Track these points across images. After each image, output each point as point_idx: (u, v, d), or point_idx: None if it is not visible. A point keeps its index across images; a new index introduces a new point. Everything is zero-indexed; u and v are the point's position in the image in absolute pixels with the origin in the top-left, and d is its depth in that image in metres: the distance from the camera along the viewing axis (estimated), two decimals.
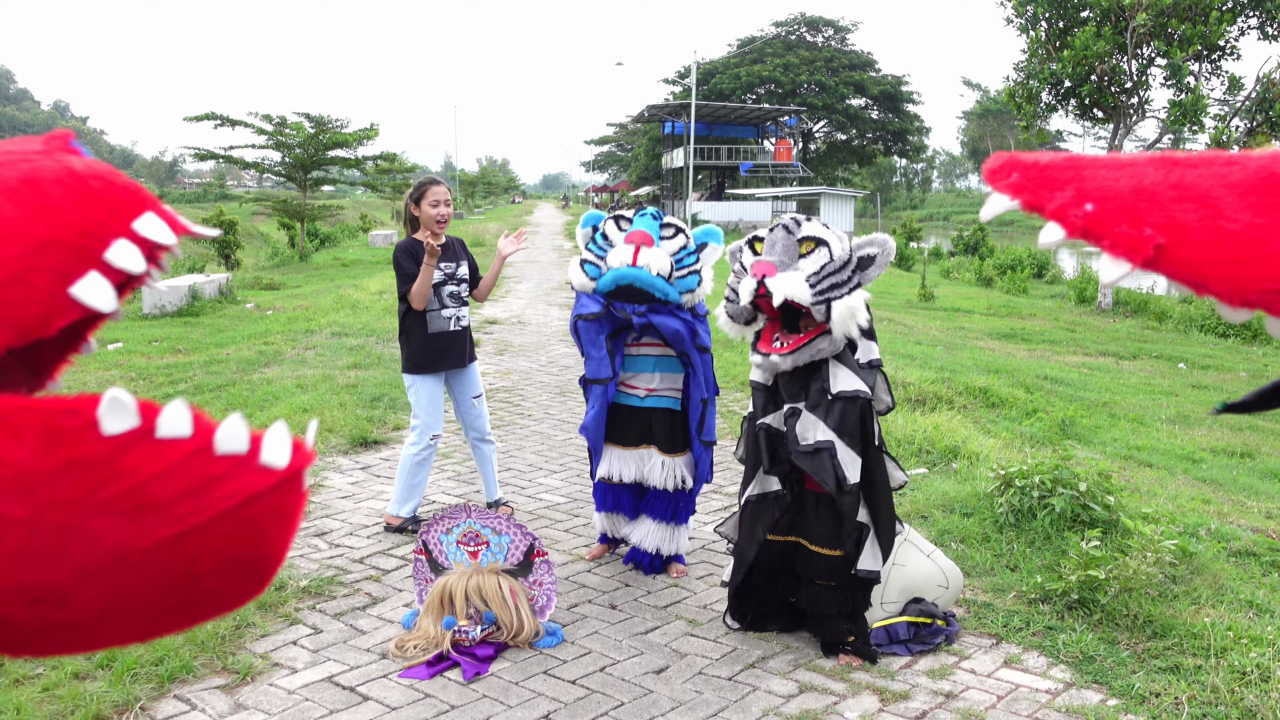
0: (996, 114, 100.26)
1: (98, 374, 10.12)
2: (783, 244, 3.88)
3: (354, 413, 8.04)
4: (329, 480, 6.47)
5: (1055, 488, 5.24)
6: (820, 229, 3.94)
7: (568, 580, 4.81)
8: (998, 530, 5.27)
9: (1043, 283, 31.99)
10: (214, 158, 26.21)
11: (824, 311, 3.74)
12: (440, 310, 5.44)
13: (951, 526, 5.37)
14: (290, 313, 14.93)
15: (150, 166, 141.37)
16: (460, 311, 5.52)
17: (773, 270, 3.80)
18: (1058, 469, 5.32)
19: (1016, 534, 5.19)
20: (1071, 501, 5.13)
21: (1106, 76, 21.01)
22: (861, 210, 68.03)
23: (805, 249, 3.86)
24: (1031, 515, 5.25)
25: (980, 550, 5.08)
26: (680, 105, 57.74)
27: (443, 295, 5.45)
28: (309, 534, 5.43)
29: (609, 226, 4.64)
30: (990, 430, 7.99)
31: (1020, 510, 5.28)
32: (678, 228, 4.58)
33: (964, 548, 5.14)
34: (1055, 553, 4.93)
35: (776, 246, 3.88)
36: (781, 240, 3.89)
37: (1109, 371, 13.67)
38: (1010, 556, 4.99)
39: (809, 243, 3.88)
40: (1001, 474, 5.50)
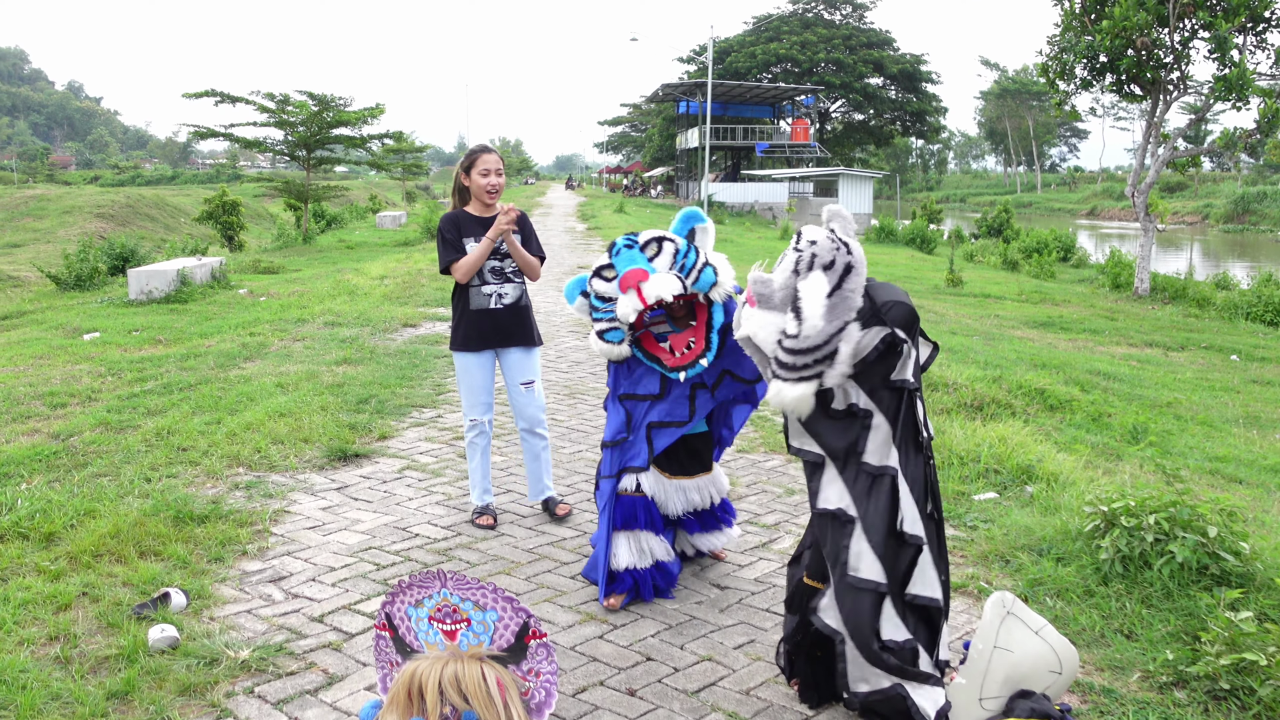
0: (1015, 94, 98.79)
1: (65, 368, 9.22)
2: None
3: (336, 418, 7.11)
4: (297, 504, 5.53)
5: (1173, 529, 4.27)
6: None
7: (574, 652, 3.86)
8: (1102, 582, 4.30)
9: (1069, 266, 30.92)
10: (213, 135, 25.28)
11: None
12: (481, 286, 5.14)
13: (1044, 576, 4.39)
14: (284, 299, 14.02)
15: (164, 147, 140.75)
16: (504, 288, 5.17)
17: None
18: (1175, 505, 4.35)
19: (1126, 587, 4.22)
20: (1197, 550, 4.16)
21: (1146, 50, 19.85)
22: (879, 192, 66.79)
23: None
24: (1144, 563, 4.27)
25: (1084, 609, 4.11)
26: (695, 84, 56.58)
27: (484, 271, 5.14)
28: (263, 579, 4.49)
29: (597, 285, 4.20)
30: (1060, 441, 7.01)
31: (1129, 557, 4.31)
32: (657, 239, 4.17)
33: (1063, 605, 4.17)
34: (1181, 615, 3.97)
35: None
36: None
37: (1159, 364, 12.68)
38: (1123, 619, 4.02)
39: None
40: (1103, 510, 4.52)
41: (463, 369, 5.23)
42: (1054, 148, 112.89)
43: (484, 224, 5.10)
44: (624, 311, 4.01)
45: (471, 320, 5.14)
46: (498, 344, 5.20)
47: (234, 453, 6.28)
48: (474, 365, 5.21)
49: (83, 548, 4.61)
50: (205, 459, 6.17)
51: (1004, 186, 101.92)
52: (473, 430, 5.26)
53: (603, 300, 4.13)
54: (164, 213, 44.43)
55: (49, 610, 4.06)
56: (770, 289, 3.29)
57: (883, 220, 43.13)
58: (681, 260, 4.08)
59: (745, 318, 3.35)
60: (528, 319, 5.27)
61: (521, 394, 5.28)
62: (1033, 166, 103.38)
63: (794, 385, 3.17)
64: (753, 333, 3.31)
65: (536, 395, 5.31)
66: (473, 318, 5.14)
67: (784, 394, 3.20)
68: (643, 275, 4.01)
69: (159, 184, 75.88)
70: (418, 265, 18.19)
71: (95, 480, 5.73)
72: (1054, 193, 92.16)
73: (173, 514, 5.06)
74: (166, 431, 6.71)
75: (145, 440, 6.54)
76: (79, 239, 25.01)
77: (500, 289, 5.15)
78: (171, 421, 6.94)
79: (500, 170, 5.14)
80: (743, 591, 4.40)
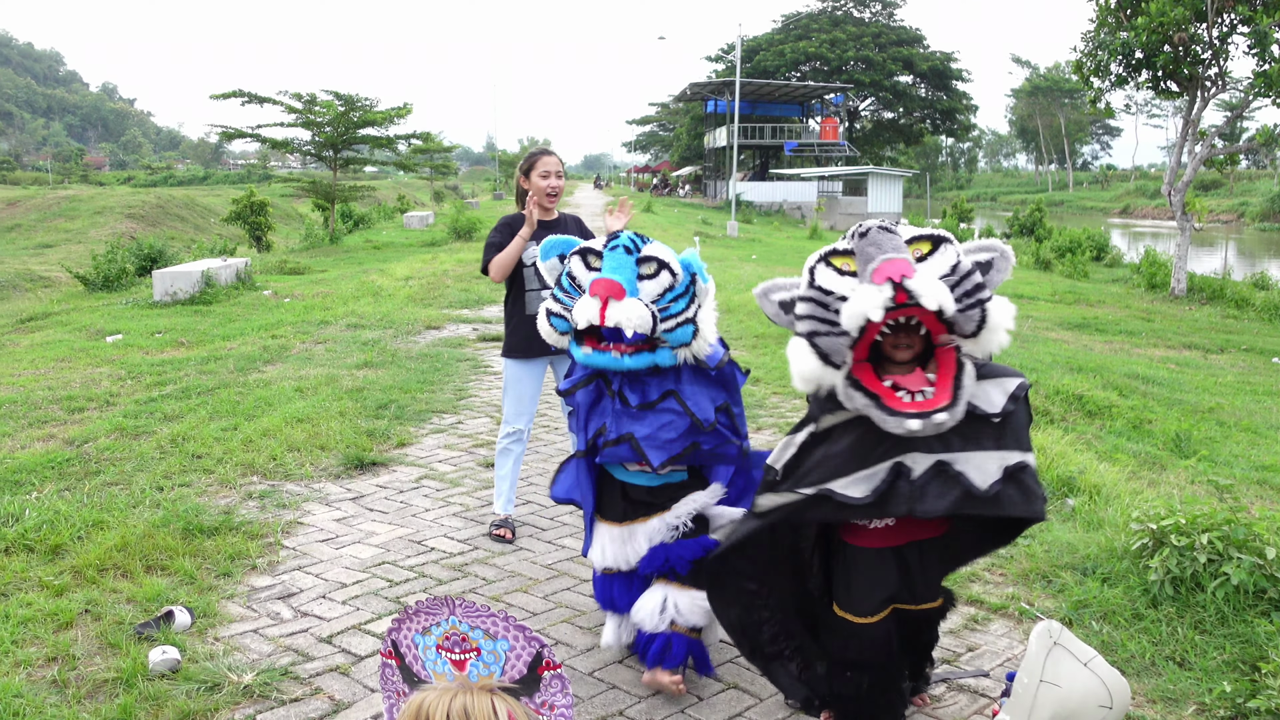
0: (1046, 91, 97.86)
1: (86, 371, 9.14)
2: (890, 244, 2.78)
3: (354, 424, 6.96)
4: (311, 515, 5.37)
5: (1227, 549, 4.03)
6: (927, 229, 2.93)
7: (591, 678, 3.68)
8: (1151, 605, 4.06)
9: (1102, 266, 30.44)
10: (241, 136, 25.29)
11: (976, 320, 2.73)
12: (539, 290, 4.88)
13: (1089, 597, 4.16)
14: (308, 300, 13.92)
15: (196, 148, 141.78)
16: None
17: (910, 268, 2.69)
18: (1229, 523, 4.11)
19: (1178, 610, 3.98)
20: (1254, 572, 3.91)
21: (1183, 45, 19.45)
22: (909, 190, 66.27)
23: (917, 251, 2.83)
24: (1196, 586, 4.04)
25: (1133, 634, 3.88)
26: (723, 83, 56.32)
27: (540, 276, 4.60)
28: (272, 596, 4.34)
29: (575, 264, 3.57)
30: (1100, 450, 6.76)
31: (1180, 579, 4.07)
32: (660, 263, 3.44)
33: (1110, 630, 3.94)
34: (1238, 642, 3.73)
35: (885, 248, 2.76)
36: (887, 240, 2.79)
37: (1199, 367, 12.35)
38: (1175, 645, 3.79)
39: (922, 243, 2.85)
40: (1151, 528, 4.29)
41: (513, 378, 5.05)
42: (1086, 146, 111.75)
43: (541, 228, 4.89)
44: (577, 314, 3.42)
45: (526, 326, 4.84)
46: (552, 351, 4.90)
47: (249, 460, 6.14)
48: (525, 374, 5.05)
49: (88, 561, 4.47)
50: (220, 467, 6.03)
51: (1035, 185, 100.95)
52: (510, 438, 5.10)
53: (571, 281, 3.55)
54: (194, 213, 44.67)
55: (49, 629, 3.91)
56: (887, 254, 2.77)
57: (913, 219, 42.82)
58: (668, 299, 3.40)
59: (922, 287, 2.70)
60: None
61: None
62: (1064, 165, 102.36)
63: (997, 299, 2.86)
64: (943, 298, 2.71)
65: None
66: (528, 323, 4.80)
67: (1003, 306, 2.85)
68: (617, 291, 3.36)
69: (191, 184, 76.38)
70: (443, 266, 18.08)
71: (106, 489, 5.60)
72: (1086, 191, 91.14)
73: (182, 526, 4.92)
74: (182, 438, 6.59)
75: (160, 447, 6.42)
76: (109, 240, 25.15)
77: None
78: (187, 427, 6.81)
79: (560, 173, 4.98)
80: None
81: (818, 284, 2.85)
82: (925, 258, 2.80)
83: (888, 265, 2.69)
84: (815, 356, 2.81)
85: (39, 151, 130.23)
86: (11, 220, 41.51)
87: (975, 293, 2.74)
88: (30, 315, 14.07)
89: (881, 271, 2.68)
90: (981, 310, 2.74)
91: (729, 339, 10.99)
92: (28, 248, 35.91)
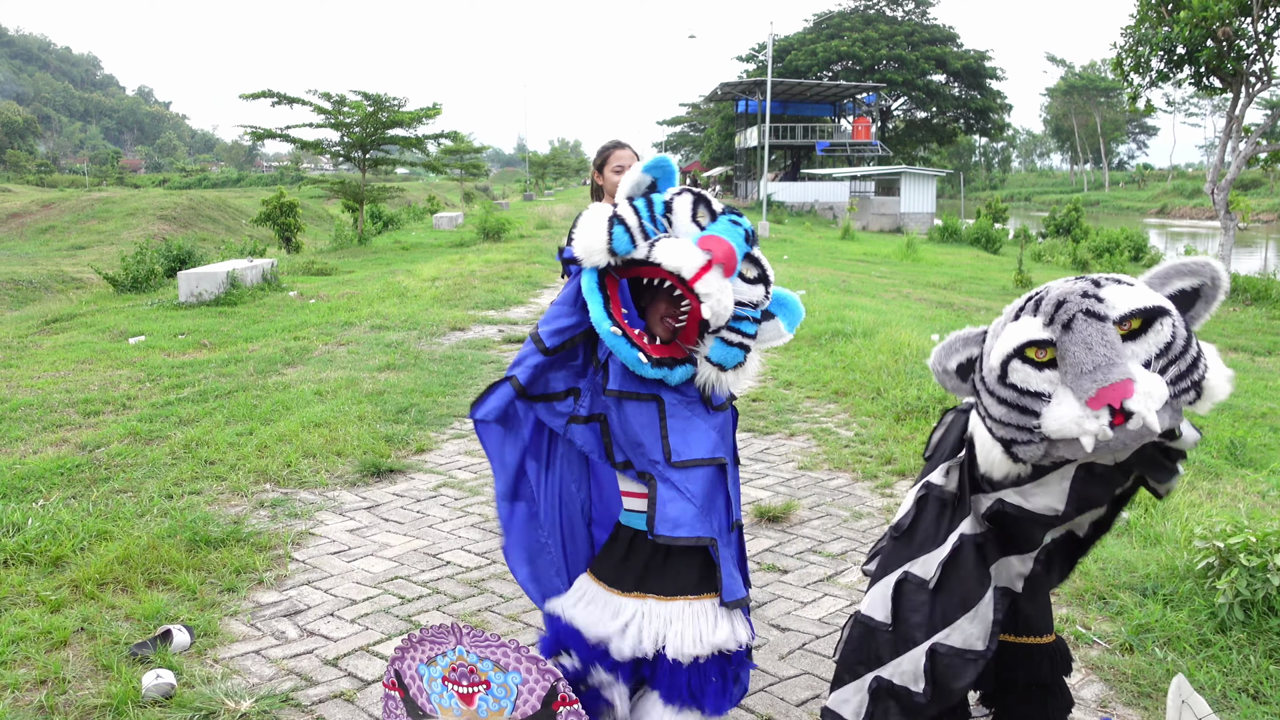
0: (1082, 90, 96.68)
1: (106, 373, 8.98)
2: (1101, 342, 2.34)
3: (373, 429, 6.74)
4: (324, 524, 5.15)
5: None
6: (1141, 294, 2.40)
7: None
8: (1220, 630, 3.75)
9: (1140, 266, 29.85)
10: (270, 136, 25.23)
11: (1191, 399, 2.37)
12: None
13: (1151, 621, 3.86)
14: (333, 301, 13.75)
15: (230, 150, 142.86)
16: None
17: (1130, 389, 2.30)
18: None
19: (1249, 636, 3.67)
20: None
21: (1227, 40, 18.96)
22: (942, 190, 65.58)
23: (1126, 327, 2.38)
24: (1269, 610, 3.73)
25: (1200, 663, 3.57)
26: (754, 83, 55.91)
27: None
28: (278, 614, 4.10)
29: (681, 202, 2.84)
30: None
31: (1251, 602, 3.76)
32: (763, 271, 2.85)
33: (1175, 657, 3.64)
34: None
35: (1095, 349, 2.33)
36: (1098, 338, 2.34)
37: (1247, 370, 11.92)
38: (1247, 675, 3.47)
39: (1134, 319, 2.37)
40: (1218, 546, 3.97)
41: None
42: (1122, 145, 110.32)
43: None
44: (667, 252, 2.71)
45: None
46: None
47: (262, 467, 5.93)
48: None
49: (88, 575, 4.26)
50: (232, 474, 5.82)
51: (1070, 185, 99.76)
52: None
53: (665, 208, 2.85)
54: (226, 214, 44.83)
55: (42, 648, 3.70)
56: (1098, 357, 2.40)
57: (946, 220, 42.22)
58: (746, 312, 2.82)
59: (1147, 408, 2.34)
60: None
61: None
62: (1100, 164, 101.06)
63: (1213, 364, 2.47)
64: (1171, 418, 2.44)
65: None
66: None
67: (1221, 374, 2.46)
68: (730, 263, 2.76)
69: (224, 186, 76.96)
70: (471, 267, 17.89)
71: (115, 497, 5.40)
72: (1122, 191, 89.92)
73: (188, 537, 4.70)
74: (195, 443, 6.39)
75: (172, 452, 6.22)
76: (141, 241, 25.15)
77: None
78: (202, 432, 6.62)
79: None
80: (806, 635, 3.92)
81: (1012, 383, 2.46)
82: (1136, 334, 2.39)
83: (1107, 393, 2.32)
84: (1013, 462, 2.51)
85: (76, 154, 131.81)
86: (46, 222, 41.85)
87: (1190, 373, 2.37)
88: (55, 317, 13.99)
89: (1100, 400, 2.32)
90: (1197, 391, 2.38)
91: None
92: (61, 249, 36.18)
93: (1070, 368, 2.36)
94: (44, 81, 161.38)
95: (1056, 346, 2.40)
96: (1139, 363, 2.36)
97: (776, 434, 6.90)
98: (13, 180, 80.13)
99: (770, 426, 7.06)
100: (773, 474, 6.03)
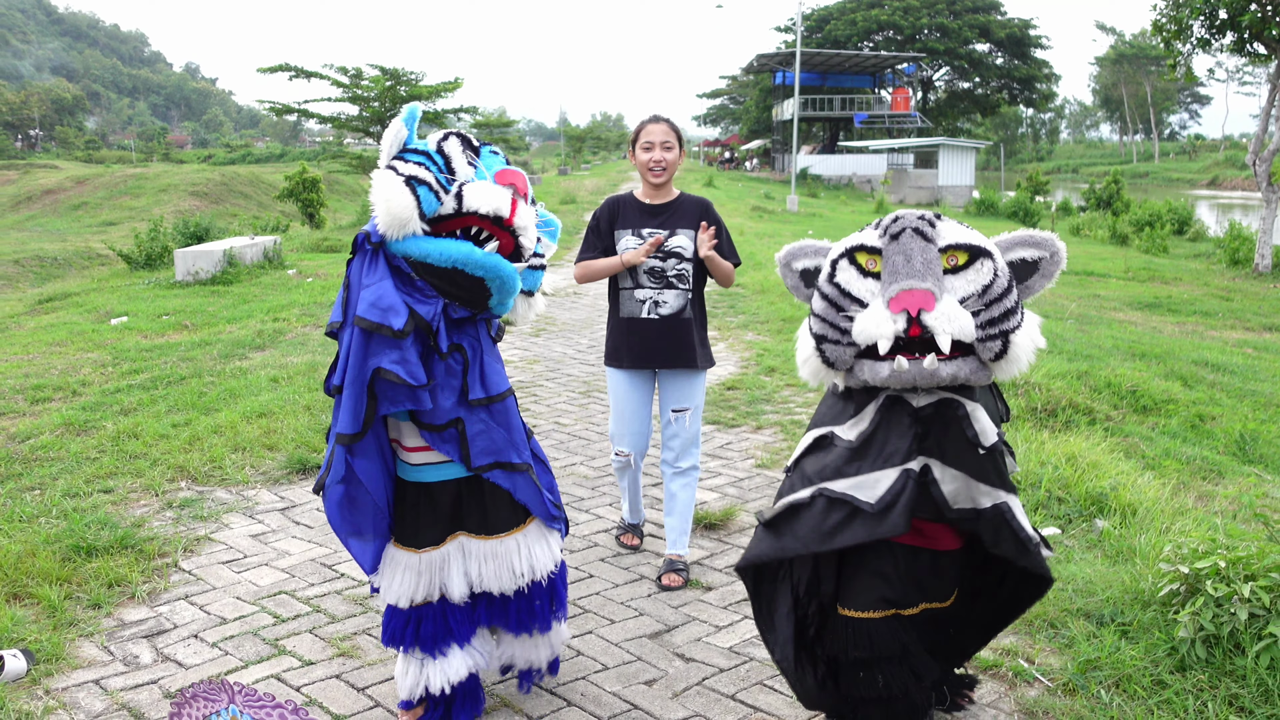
0: (1132, 59, 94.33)
1: (75, 356, 8.72)
2: (921, 257, 2.56)
3: (316, 419, 6.39)
4: (228, 528, 4.79)
5: (1276, 603, 3.23)
6: (973, 235, 2.63)
7: None
8: (1178, 669, 3.27)
9: (1184, 239, 28.88)
10: (289, 111, 25.00)
11: (996, 350, 2.54)
12: (634, 290, 4.17)
13: (1101, 655, 3.38)
14: (330, 280, 13.44)
15: (275, 126, 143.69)
16: (662, 295, 4.14)
17: (931, 301, 2.51)
18: (1279, 569, 3.30)
19: (1210, 679, 3.19)
20: None
21: (1271, 4, 18.08)
22: (984, 163, 64.29)
23: (952, 260, 2.59)
24: (1236, 648, 3.25)
25: (1150, 708, 3.09)
26: (791, 54, 54.95)
27: (637, 271, 4.14)
28: (138, 634, 3.74)
29: (451, 146, 2.81)
30: (1148, 456, 5.91)
31: (1216, 637, 3.28)
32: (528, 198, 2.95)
33: (1122, 701, 3.16)
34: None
35: (914, 260, 2.56)
36: (919, 251, 2.57)
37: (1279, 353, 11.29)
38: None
39: (959, 253, 2.60)
40: (1182, 571, 3.49)
41: (611, 388, 4.34)
42: (1173, 115, 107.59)
43: (646, 212, 4.17)
44: (489, 200, 2.75)
45: (620, 330, 4.22)
46: (655, 361, 4.20)
47: (185, 462, 5.59)
48: (624, 386, 4.28)
49: None
50: (152, 469, 5.49)
51: (1119, 156, 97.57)
52: (616, 463, 4.41)
53: (444, 159, 2.79)
54: (258, 190, 44.80)
55: None
56: (914, 271, 2.61)
57: (985, 193, 41.20)
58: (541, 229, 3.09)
59: (939, 323, 2.53)
60: (689, 335, 4.16)
61: (670, 423, 4.27)
62: (1150, 135, 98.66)
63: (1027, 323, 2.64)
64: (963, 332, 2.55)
65: (687, 425, 4.25)
66: (622, 327, 4.21)
67: (1030, 335, 2.62)
68: (525, 190, 2.92)
69: (267, 161, 77.19)
70: None
71: (20, 495, 5.08)
72: (1172, 162, 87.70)
73: (71, 544, 4.36)
74: (126, 434, 6.06)
75: (99, 445, 5.90)
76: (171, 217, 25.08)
77: (658, 295, 4.13)
78: (137, 422, 6.29)
79: (668, 143, 4.11)
80: (709, 669, 3.48)
81: (837, 281, 2.67)
82: (960, 269, 2.58)
83: (908, 296, 2.52)
84: (820, 360, 2.68)
85: (124, 130, 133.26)
86: (79, 198, 42.07)
87: (1001, 321, 2.54)
88: (49, 296, 13.83)
89: (900, 301, 2.53)
90: (1004, 342, 2.53)
91: (756, 321, 10.26)
92: (92, 225, 36.29)
93: (887, 274, 2.57)
94: (93, 58, 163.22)
95: (883, 255, 2.60)
96: (954, 297, 2.53)
97: (743, 427, 6.45)
98: (61, 156, 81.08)
99: (738, 419, 6.61)
100: (726, 473, 5.59)
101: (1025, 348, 2.55)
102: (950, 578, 2.84)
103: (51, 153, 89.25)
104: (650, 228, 4.12)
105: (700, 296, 4.23)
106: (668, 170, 4.10)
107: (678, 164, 4.15)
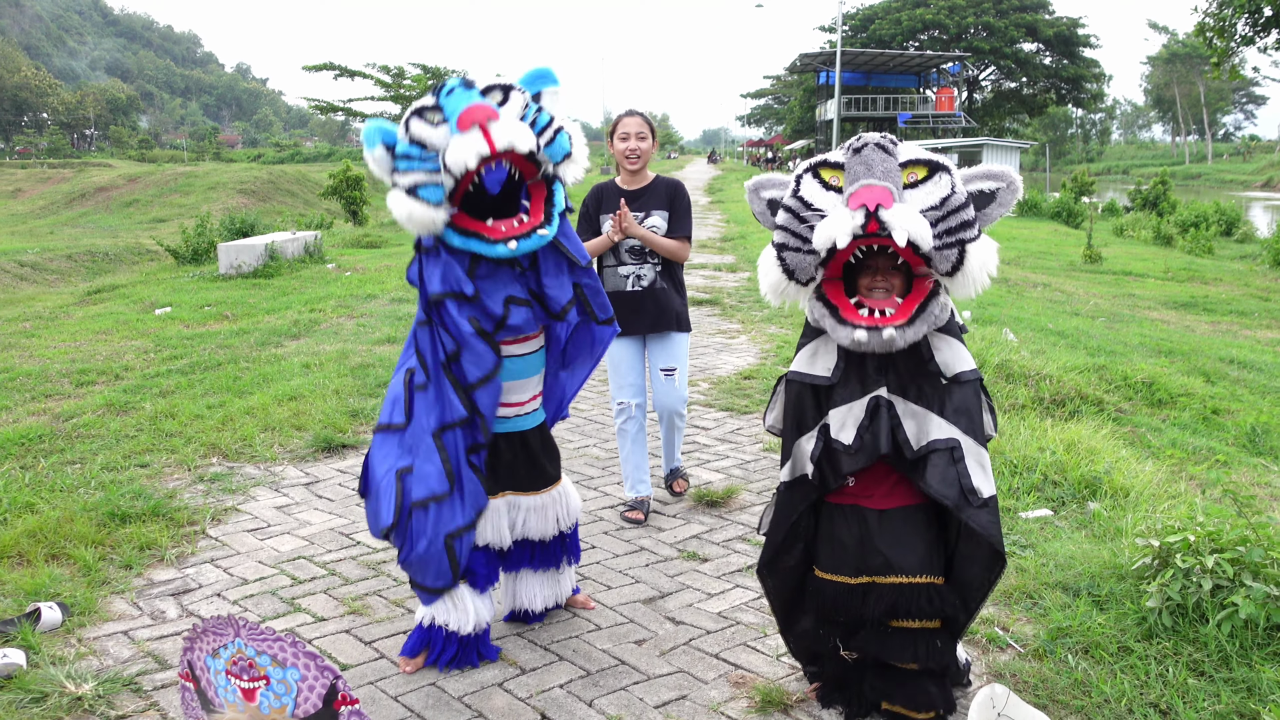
0: (1185, 59, 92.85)
1: (120, 343, 9.07)
2: (881, 166, 2.67)
3: (344, 403, 6.64)
4: (254, 500, 5.05)
5: (1240, 575, 3.36)
6: (926, 152, 2.78)
7: (460, 703, 3.22)
8: (1145, 637, 3.41)
9: (1231, 241, 28.49)
10: (333, 110, 25.46)
11: (953, 260, 2.66)
12: (617, 267, 4.73)
13: (1072, 624, 3.52)
14: (367, 274, 13.76)
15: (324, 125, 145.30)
16: (642, 269, 4.72)
17: (889, 198, 2.59)
18: (1246, 543, 3.43)
19: (1174, 646, 3.32)
20: (1268, 603, 3.24)
21: None
22: (1033, 164, 63.66)
23: (912, 175, 2.72)
24: (1200, 617, 3.38)
25: (1114, 672, 3.24)
26: (834, 54, 54.88)
27: (619, 249, 4.71)
28: (165, 593, 4.00)
29: (417, 127, 3.06)
30: (1153, 446, 6.00)
31: (1183, 607, 3.41)
32: (502, 87, 3.13)
33: (1088, 665, 3.31)
34: (1238, 690, 3.07)
35: (874, 169, 2.66)
36: (879, 162, 2.68)
37: None
38: (1161, 689, 3.14)
39: (918, 167, 2.73)
40: (1153, 545, 3.62)
41: (607, 355, 4.71)
42: (1228, 115, 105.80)
43: (624, 196, 4.66)
44: (461, 157, 2.94)
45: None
46: (641, 329, 4.76)
47: (217, 440, 5.86)
48: (617, 351, 4.81)
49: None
50: (186, 446, 5.77)
51: (1171, 157, 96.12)
52: (620, 415, 4.87)
53: (420, 147, 3.03)
54: (304, 188, 45.47)
55: None
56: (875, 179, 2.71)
57: (1029, 193, 40.83)
58: (532, 116, 3.12)
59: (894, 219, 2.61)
60: (669, 302, 4.75)
61: (661, 381, 4.85)
62: (1203, 136, 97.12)
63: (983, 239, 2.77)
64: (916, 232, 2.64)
65: (677, 384, 4.84)
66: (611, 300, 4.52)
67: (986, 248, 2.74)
68: (490, 113, 2.98)
69: (316, 160, 78.18)
70: None
71: (62, 468, 5.37)
72: (1225, 163, 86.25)
73: (107, 511, 4.63)
74: (163, 415, 6.36)
75: (138, 424, 6.20)
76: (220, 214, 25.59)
77: (638, 270, 4.71)
78: (174, 404, 6.59)
79: (642, 134, 4.64)
80: (696, 630, 3.67)
81: (800, 194, 2.78)
82: (918, 184, 2.70)
83: (866, 192, 2.61)
84: (781, 270, 2.78)
85: (177, 130, 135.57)
86: (131, 195, 42.99)
87: (958, 231, 2.65)
88: (98, 288, 14.26)
89: (858, 197, 2.61)
90: (960, 250, 2.65)
91: (780, 315, 10.39)
92: (143, 222, 37.06)
93: (849, 179, 2.67)
94: (146, 59, 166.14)
95: (845, 169, 2.70)
96: (914, 207, 2.62)
97: (754, 414, 6.62)
98: (114, 155, 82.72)
99: (751, 406, 6.78)
100: (734, 455, 5.76)
101: (982, 257, 2.67)
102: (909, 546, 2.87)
103: (105, 152, 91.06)
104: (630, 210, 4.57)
105: (672, 269, 4.72)
106: (642, 158, 4.61)
107: (651, 152, 4.64)
